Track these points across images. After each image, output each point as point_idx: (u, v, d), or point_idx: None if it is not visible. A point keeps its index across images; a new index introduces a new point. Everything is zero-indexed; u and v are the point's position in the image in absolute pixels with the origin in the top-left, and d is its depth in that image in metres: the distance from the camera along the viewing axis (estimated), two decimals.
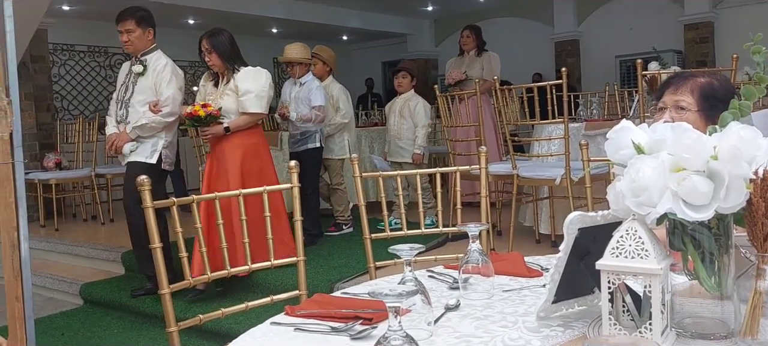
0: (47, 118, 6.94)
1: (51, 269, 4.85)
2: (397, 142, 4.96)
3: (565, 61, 10.34)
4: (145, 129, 3.61)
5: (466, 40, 5.62)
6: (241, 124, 3.65)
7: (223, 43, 3.66)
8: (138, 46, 3.67)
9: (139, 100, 3.66)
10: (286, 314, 1.41)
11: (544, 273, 1.58)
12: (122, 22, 3.66)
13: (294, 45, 4.59)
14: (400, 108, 4.96)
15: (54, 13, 7.19)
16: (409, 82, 5.01)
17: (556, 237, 4.04)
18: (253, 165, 3.66)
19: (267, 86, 3.67)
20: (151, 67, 3.68)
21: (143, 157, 3.66)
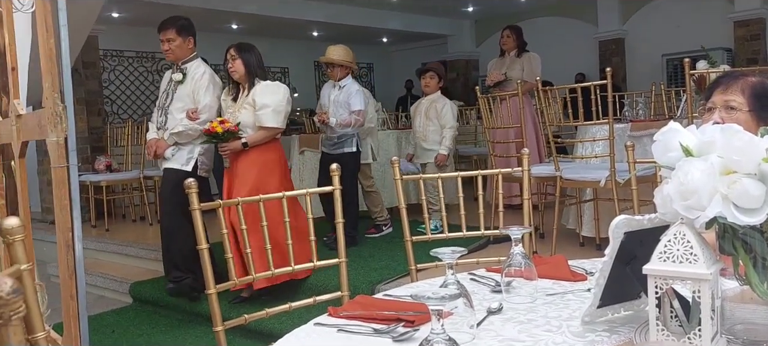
0: (98, 122, 7.17)
1: (102, 268, 5.00)
2: (423, 145, 4.89)
3: (609, 61, 10.13)
4: (182, 136, 3.68)
5: (506, 40, 5.54)
6: (259, 139, 3.64)
7: (250, 56, 3.69)
8: (178, 55, 3.75)
9: (177, 107, 3.73)
10: (329, 315, 1.43)
11: (589, 277, 1.56)
12: (163, 30, 3.75)
13: (337, 46, 4.57)
14: (427, 109, 4.89)
15: (104, 20, 7.42)
16: (436, 83, 4.93)
17: (600, 240, 3.97)
18: (269, 182, 3.62)
19: (284, 101, 3.66)
20: (191, 75, 3.75)
21: (179, 165, 3.72)
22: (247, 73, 3.68)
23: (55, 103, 1.75)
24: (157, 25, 3.89)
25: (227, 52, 3.73)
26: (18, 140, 2.12)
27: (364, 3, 9.87)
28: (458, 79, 12.25)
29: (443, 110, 4.82)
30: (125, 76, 9.53)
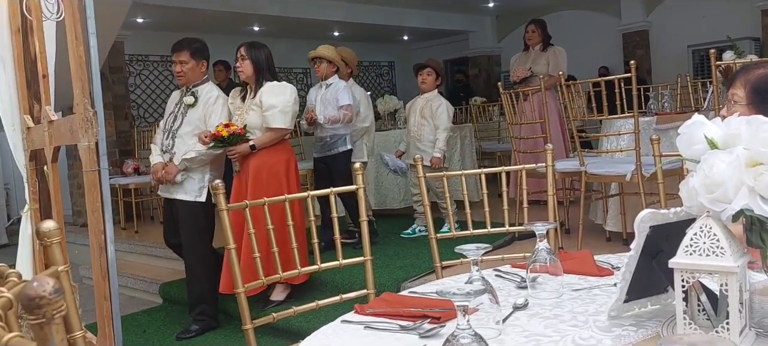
0: (125, 126, 7.30)
1: (132, 269, 5.09)
2: (417, 144, 4.67)
3: (633, 53, 10.01)
4: (194, 161, 3.58)
5: (531, 35, 5.47)
6: (267, 141, 3.61)
7: (260, 56, 3.65)
8: (190, 78, 3.66)
9: (187, 131, 3.63)
10: (356, 312, 1.45)
11: (615, 272, 1.55)
12: (176, 52, 3.66)
13: (327, 45, 4.53)
14: (422, 108, 4.69)
15: (129, 26, 7.54)
16: (433, 80, 4.71)
17: (627, 235, 3.94)
18: (279, 182, 3.59)
19: (292, 101, 3.61)
20: (203, 99, 3.66)
21: (192, 196, 3.63)
22: (256, 73, 3.64)
23: (86, 108, 1.79)
24: (182, 29, 3.89)
25: (237, 51, 3.70)
26: (50, 146, 2.18)
27: (384, 1, 9.88)
28: (480, 75, 12.20)
29: (438, 111, 4.60)
30: (151, 81, 9.68)
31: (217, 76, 7.42)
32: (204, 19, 8.71)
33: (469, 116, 8.11)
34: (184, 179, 3.63)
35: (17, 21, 2.41)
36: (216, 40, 8.84)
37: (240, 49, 3.70)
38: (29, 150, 2.46)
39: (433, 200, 4.84)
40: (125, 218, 6.33)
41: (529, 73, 5.31)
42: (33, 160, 2.50)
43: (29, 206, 2.51)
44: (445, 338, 1.04)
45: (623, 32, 10.49)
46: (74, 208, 6.91)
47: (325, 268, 2.03)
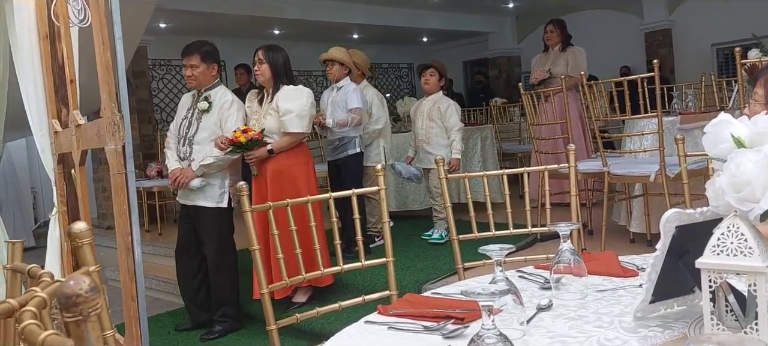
0: (149, 129, 7.40)
1: (156, 271, 5.15)
2: (426, 148, 4.59)
3: (656, 52, 9.89)
4: (211, 167, 3.58)
5: (550, 35, 5.43)
6: (284, 145, 3.61)
7: (278, 59, 3.65)
8: (201, 81, 3.65)
9: (203, 137, 3.62)
10: (379, 313, 1.45)
11: (640, 273, 1.54)
12: (187, 56, 3.65)
13: (339, 47, 4.51)
14: (429, 110, 4.59)
15: (152, 30, 7.64)
16: (436, 80, 4.63)
17: (651, 236, 3.89)
18: (297, 186, 3.60)
19: (308, 105, 3.60)
20: (217, 104, 3.65)
21: (214, 203, 3.64)
22: (273, 77, 3.64)
23: (113, 112, 1.82)
24: (203, 33, 3.91)
25: (255, 55, 3.70)
26: (78, 149, 2.23)
27: (404, 3, 9.90)
28: (500, 76, 12.15)
29: (448, 112, 4.52)
30: (173, 85, 9.80)
31: (238, 80, 7.49)
32: (225, 23, 8.81)
33: (490, 117, 8.08)
34: (205, 185, 3.63)
35: (45, 27, 2.46)
36: (237, 44, 8.97)
37: (257, 52, 3.70)
38: (57, 154, 2.51)
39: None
40: (149, 221, 6.41)
41: (547, 75, 5.27)
42: (60, 164, 2.55)
43: (57, 208, 2.56)
44: (470, 338, 1.05)
45: (645, 31, 10.38)
46: (99, 210, 7.02)
47: (348, 269, 2.04)
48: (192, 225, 3.74)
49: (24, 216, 7.37)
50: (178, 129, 3.77)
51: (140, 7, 4.40)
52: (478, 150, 5.74)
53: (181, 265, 3.87)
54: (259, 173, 3.69)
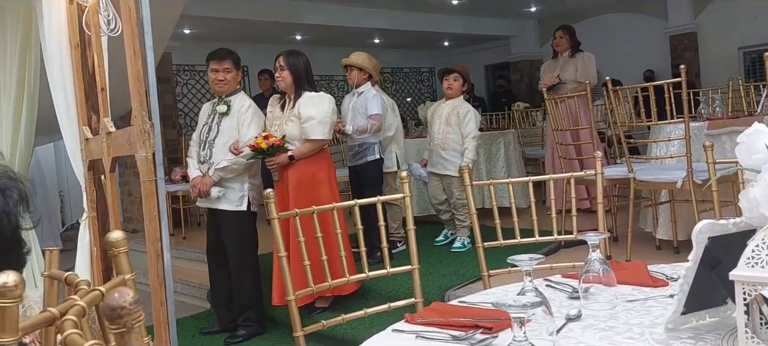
0: (173, 134, 7.49)
1: (181, 274, 5.20)
2: (441, 153, 4.52)
3: (681, 56, 9.78)
4: (227, 171, 3.62)
5: (559, 40, 5.36)
6: (305, 152, 3.61)
7: (299, 64, 3.66)
8: (231, 86, 3.72)
9: (223, 141, 3.67)
10: (406, 322, 1.45)
11: (670, 283, 1.53)
12: (219, 61, 3.68)
13: (360, 52, 4.50)
14: (448, 115, 4.52)
15: (177, 37, 7.75)
16: (459, 85, 4.56)
17: (678, 243, 3.85)
18: (319, 191, 3.62)
19: (330, 111, 3.62)
20: (235, 108, 3.69)
21: (234, 206, 3.68)
22: (295, 82, 3.66)
23: (144, 120, 1.86)
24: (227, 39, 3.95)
25: (276, 60, 3.72)
26: (108, 156, 2.27)
27: (424, 8, 9.90)
28: (522, 81, 12.09)
29: (466, 118, 4.44)
30: (197, 90, 9.92)
31: (262, 86, 7.56)
32: (248, 28, 8.89)
33: (512, 122, 8.04)
34: (225, 189, 3.68)
35: (76, 36, 2.51)
36: (260, 50, 9.05)
37: (278, 58, 3.72)
38: (87, 160, 2.56)
39: (442, 207, 4.65)
40: (174, 225, 6.49)
41: (557, 81, 5.20)
42: (90, 170, 2.60)
43: (87, 214, 2.60)
44: None
45: (670, 35, 10.26)
46: (125, 214, 7.12)
47: (374, 276, 2.05)
48: (218, 229, 3.79)
49: (52, 219, 7.48)
50: (199, 135, 3.85)
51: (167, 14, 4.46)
52: (501, 155, 5.71)
53: (212, 269, 3.94)
54: (280, 179, 3.71)
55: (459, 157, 4.46)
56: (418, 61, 13.10)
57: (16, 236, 0.89)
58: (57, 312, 0.87)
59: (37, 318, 0.86)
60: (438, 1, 9.58)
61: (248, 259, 3.75)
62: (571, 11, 10.71)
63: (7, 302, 0.72)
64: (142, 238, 2.52)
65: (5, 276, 0.72)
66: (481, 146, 5.65)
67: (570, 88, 5.15)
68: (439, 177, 4.60)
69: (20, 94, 3.34)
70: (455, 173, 4.44)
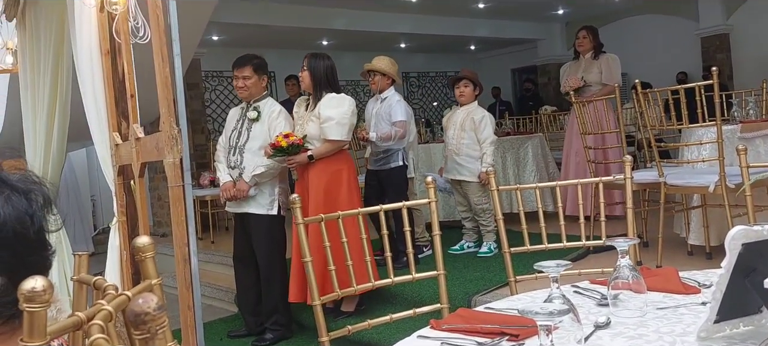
0: (202, 139, 7.59)
1: (208, 278, 5.26)
2: (455, 159, 4.47)
3: (713, 58, 9.59)
4: (263, 176, 3.67)
5: (582, 41, 5.24)
6: (324, 152, 3.63)
7: (318, 66, 3.69)
8: (252, 92, 3.76)
9: (254, 146, 3.71)
10: (432, 328, 1.44)
11: (703, 290, 1.49)
12: (239, 68, 3.75)
13: (383, 57, 4.46)
14: (462, 120, 4.47)
15: (205, 43, 7.85)
16: (471, 91, 4.51)
17: (710, 249, 3.76)
18: (338, 192, 3.63)
19: (349, 113, 3.63)
20: (266, 113, 3.74)
21: (265, 210, 3.72)
22: (313, 83, 3.69)
23: (172, 126, 1.88)
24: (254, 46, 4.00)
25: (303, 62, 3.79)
26: (137, 162, 2.30)
27: (451, 12, 9.88)
28: (549, 84, 11.98)
29: (482, 123, 4.39)
30: (225, 96, 10.04)
31: (289, 91, 7.61)
32: (275, 34, 8.98)
33: (539, 126, 7.96)
34: (256, 193, 3.71)
35: (107, 43, 2.56)
36: (287, 56, 9.14)
37: (304, 60, 3.78)
38: (117, 165, 2.60)
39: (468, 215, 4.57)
40: (202, 229, 6.56)
41: (582, 83, 5.09)
42: (120, 175, 2.64)
43: (117, 218, 2.64)
44: None
45: (702, 36, 10.07)
46: (154, 218, 7.23)
47: (399, 281, 2.04)
48: (247, 233, 3.82)
49: (84, 223, 7.64)
50: (227, 140, 3.88)
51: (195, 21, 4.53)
52: (530, 159, 5.65)
53: (239, 274, 3.97)
54: (300, 178, 3.75)
55: (473, 162, 4.42)
56: (444, 65, 13.07)
57: (41, 238, 0.90)
58: (84, 316, 0.88)
59: (64, 323, 0.87)
60: (464, 5, 9.54)
61: (277, 263, 3.77)
62: (599, 13, 10.59)
63: (36, 307, 0.73)
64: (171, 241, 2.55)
65: (33, 281, 0.73)
66: (508, 151, 5.61)
67: (594, 90, 5.06)
68: (456, 183, 4.58)
69: (53, 102, 3.42)
70: (471, 178, 4.42)
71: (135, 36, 2.29)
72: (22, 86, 3.66)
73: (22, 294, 0.74)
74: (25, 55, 3.53)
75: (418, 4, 9.12)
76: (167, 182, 1.94)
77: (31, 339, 0.75)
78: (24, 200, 0.88)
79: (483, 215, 4.47)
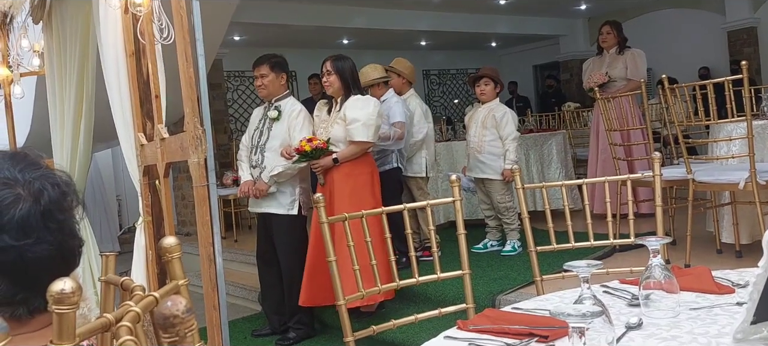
0: (224, 139, 7.64)
1: (232, 277, 5.29)
2: (478, 156, 4.44)
3: (740, 52, 9.40)
4: (281, 176, 3.67)
5: (606, 36, 5.15)
6: (349, 155, 3.62)
7: (345, 68, 3.68)
8: (271, 91, 3.76)
9: (274, 145, 3.72)
10: (459, 328, 1.43)
11: (737, 290, 1.45)
12: (257, 66, 3.78)
13: (369, 67, 4.41)
14: (483, 118, 4.45)
15: (227, 43, 7.91)
16: (492, 89, 4.45)
17: (740, 247, 3.68)
18: (362, 195, 3.60)
19: (375, 114, 3.61)
20: (286, 113, 3.75)
21: (285, 210, 3.73)
22: (343, 86, 3.68)
23: (196, 126, 1.89)
24: (276, 45, 4.01)
25: (323, 65, 3.75)
26: (162, 162, 2.31)
27: (471, 9, 9.82)
28: (572, 80, 11.86)
29: (503, 120, 4.37)
30: (247, 96, 10.10)
31: (311, 90, 7.64)
32: (296, 34, 9.01)
33: (562, 123, 7.88)
34: (277, 193, 3.72)
35: (131, 45, 2.58)
36: (308, 55, 9.16)
37: (325, 63, 3.75)
38: (142, 166, 2.62)
39: (490, 213, 4.51)
40: (225, 228, 6.61)
41: (606, 79, 5.00)
42: (146, 176, 2.66)
43: (143, 218, 2.67)
44: None
45: (728, 30, 9.88)
46: (179, 218, 7.30)
47: (424, 281, 2.03)
48: (269, 233, 3.83)
49: (110, 223, 7.75)
50: (250, 139, 3.90)
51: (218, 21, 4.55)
52: (554, 156, 5.59)
53: (263, 274, 3.99)
54: (325, 181, 3.72)
55: (495, 159, 4.38)
56: (465, 62, 13.00)
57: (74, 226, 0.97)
58: (112, 318, 0.88)
59: (93, 324, 0.87)
60: (485, 1, 9.48)
61: (299, 262, 3.78)
62: (622, 8, 10.45)
63: (64, 309, 0.73)
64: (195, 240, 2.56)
65: (62, 283, 0.73)
66: (531, 148, 5.56)
67: (619, 86, 4.98)
68: (479, 182, 4.54)
69: (79, 102, 3.46)
70: (494, 175, 4.39)
71: (159, 37, 2.30)
72: (49, 88, 3.72)
73: (51, 296, 0.74)
74: (51, 57, 3.58)
75: (439, 2, 9.08)
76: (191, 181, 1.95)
77: (60, 341, 0.75)
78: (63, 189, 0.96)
79: (506, 213, 4.43)
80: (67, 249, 0.95)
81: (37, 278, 0.87)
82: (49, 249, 0.91)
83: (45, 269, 0.89)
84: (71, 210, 0.96)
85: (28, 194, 0.91)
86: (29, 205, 0.90)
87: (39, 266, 0.90)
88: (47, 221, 0.91)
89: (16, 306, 0.91)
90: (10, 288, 0.89)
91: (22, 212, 0.89)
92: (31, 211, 0.90)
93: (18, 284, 0.90)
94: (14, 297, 0.90)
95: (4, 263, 0.89)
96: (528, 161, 5.48)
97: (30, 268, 0.89)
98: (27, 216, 0.89)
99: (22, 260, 0.89)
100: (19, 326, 0.92)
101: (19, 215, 0.89)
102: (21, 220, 0.89)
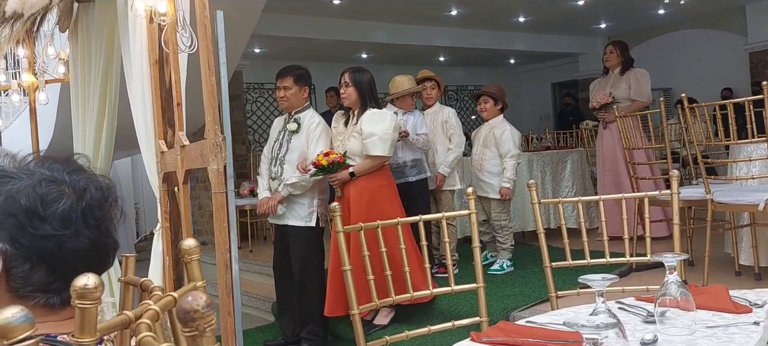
0: (242, 150, 7.70)
1: (247, 287, 5.31)
2: (478, 175, 4.45)
3: (762, 73, 9.29)
4: (296, 187, 3.68)
5: (609, 56, 5.13)
6: (365, 168, 3.63)
7: (363, 81, 3.70)
8: (293, 103, 3.77)
9: (293, 157, 3.73)
10: (472, 340, 1.43)
11: (755, 309, 1.44)
12: (281, 78, 3.78)
13: (404, 77, 4.42)
14: (485, 136, 4.46)
15: (247, 56, 8.00)
16: (493, 106, 4.47)
17: (759, 269, 3.64)
18: (381, 208, 3.59)
19: (391, 129, 3.63)
20: (305, 125, 3.76)
21: (303, 222, 3.75)
22: (360, 98, 3.69)
23: (216, 134, 1.91)
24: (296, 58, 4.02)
25: (342, 77, 3.77)
26: (182, 169, 2.35)
27: (490, 26, 9.83)
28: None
29: (502, 137, 4.35)
30: (266, 107, 10.18)
31: (328, 102, 7.69)
32: (315, 47, 9.08)
33: (580, 141, 7.85)
34: (295, 204, 3.73)
35: (155, 53, 2.62)
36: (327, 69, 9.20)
37: (344, 75, 3.77)
38: (162, 173, 2.66)
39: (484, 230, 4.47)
40: (241, 238, 6.64)
41: (610, 99, 4.96)
42: (165, 182, 2.70)
43: (161, 224, 2.70)
44: None
45: (750, 51, 9.78)
46: (195, 227, 7.36)
47: (438, 293, 2.03)
48: (286, 244, 3.84)
49: (127, 230, 7.82)
50: (270, 151, 3.91)
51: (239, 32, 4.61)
52: (567, 173, 5.56)
53: (278, 282, 4.00)
54: (342, 195, 3.74)
55: (495, 178, 4.37)
56: (483, 78, 12.98)
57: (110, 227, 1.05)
58: (132, 315, 0.90)
59: (113, 321, 0.89)
60: (504, 19, 9.49)
61: (314, 273, 3.79)
62: (643, 27, 10.40)
63: (87, 304, 0.75)
64: (211, 250, 2.59)
65: (86, 278, 0.75)
66: (547, 165, 5.53)
67: (623, 106, 4.93)
68: (479, 199, 4.49)
69: (102, 110, 3.52)
70: (492, 194, 4.39)
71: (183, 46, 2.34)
72: (72, 95, 3.78)
73: (74, 290, 0.76)
74: (76, 65, 3.65)
75: (458, 18, 9.11)
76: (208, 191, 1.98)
77: (82, 335, 0.77)
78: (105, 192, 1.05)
79: (501, 231, 4.43)
80: (103, 247, 1.01)
81: (73, 269, 0.90)
82: (86, 243, 0.97)
83: (81, 262, 0.95)
84: (110, 212, 1.04)
85: (72, 191, 0.98)
86: (72, 201, 0.97)
87: (75, 258, 0.96)
88: (87, 216, 0.98)
89: (50, 294, 0.96)
90: (47, 276, 0.95)
91: (64, 206, 0.96)
92: (73, 206, 0.97)
93: (54, 272, 0.95)
94: (50, 285, 0.96)
95: (43, 251, 0.94)
96: (543, 179, 5.45)
97: (67, 258, 0.95)
98: (68, 210, 0.96)
99: (60, 250, 0.95)
100: (51, 313, 0.97)
101: (61, 208, 0.96)
102: (63, 213, 0.96)
